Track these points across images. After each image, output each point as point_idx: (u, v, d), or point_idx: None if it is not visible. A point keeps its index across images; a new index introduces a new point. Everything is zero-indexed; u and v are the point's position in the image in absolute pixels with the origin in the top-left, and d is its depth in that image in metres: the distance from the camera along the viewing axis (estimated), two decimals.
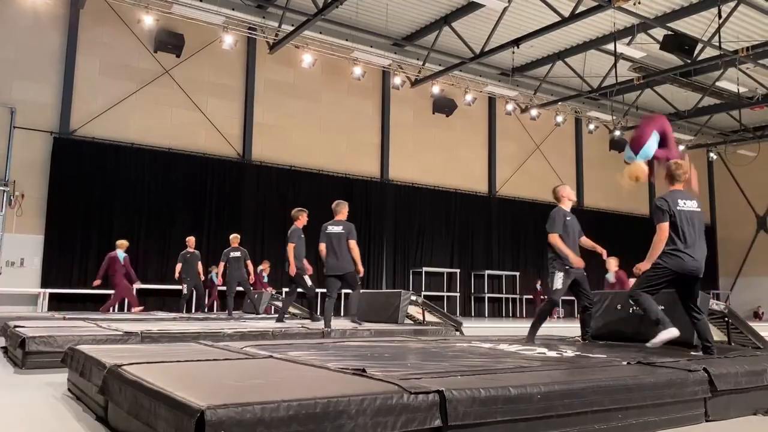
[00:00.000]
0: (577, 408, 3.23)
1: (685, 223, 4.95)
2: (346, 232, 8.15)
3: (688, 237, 4.94)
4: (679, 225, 4.94)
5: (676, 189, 5.12)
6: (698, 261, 4.96)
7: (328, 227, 8.23)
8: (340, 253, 8.07)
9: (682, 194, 5.09)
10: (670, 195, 5.07)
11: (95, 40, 14.77)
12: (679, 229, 4.94)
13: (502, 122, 21.07)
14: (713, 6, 14.16)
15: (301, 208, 9.64)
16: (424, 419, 2.71)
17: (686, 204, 5.02)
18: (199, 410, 2.23)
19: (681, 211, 4.97)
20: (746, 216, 25.69)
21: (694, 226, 4.99)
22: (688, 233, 4.94)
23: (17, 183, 13.68)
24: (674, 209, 4.96)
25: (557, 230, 6.07)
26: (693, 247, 4.93)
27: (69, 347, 4.48)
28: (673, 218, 4.94)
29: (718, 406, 3.90)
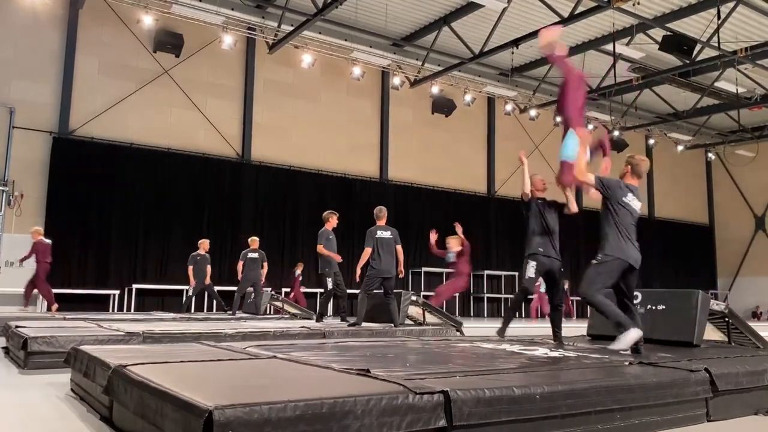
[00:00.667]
0: (580, 408, 3.24)
1: (629, 217, 5.10)
2: (394, 237, 8.66)
3: (632, 231, 5.11)
4: (629, 217, 5.09)
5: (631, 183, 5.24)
6: (638, 252, 5.13)
7: (378, 232, 8.59)
8: (388, 257, 8.51)
9: (631, 187, 5.22)
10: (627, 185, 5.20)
11: (94, 39, 14.77)
12: (629, 221, 5.09)
13: (501, 122, 21.10)
14: (712, 6, 14.20)
15: (332, 211, 9.90)
16: (429, 419, 2.72)
17: (631, 196, 5.16)
18: (207, 410, 2.24)
19: (629, 204, 5.12)
20: (745, 216, 25.75)
21: (635, 221, 5.19)
22: (632, 227, 5.12)
23: (16, 183, 13.67)
24: (624, 200, 5.10)
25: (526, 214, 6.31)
26: (634, 239, 5.11)
27: (72, 347, 4.49)
28: (624, 208, 5.08)
29: (719, 406, 3.91)
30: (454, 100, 19.36)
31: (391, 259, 8.57)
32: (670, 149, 24.39)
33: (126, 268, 14.58)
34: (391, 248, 8.57)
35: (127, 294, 14.37)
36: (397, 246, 8.68)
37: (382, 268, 8.46)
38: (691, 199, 26.46)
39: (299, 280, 15.53)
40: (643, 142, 24.47)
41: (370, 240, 8.54)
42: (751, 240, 25.55)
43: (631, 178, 5.24)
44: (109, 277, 14.33)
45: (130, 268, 14.64)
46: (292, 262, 16.66)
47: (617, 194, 5.09)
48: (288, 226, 16.82)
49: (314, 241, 9.78)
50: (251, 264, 12.13)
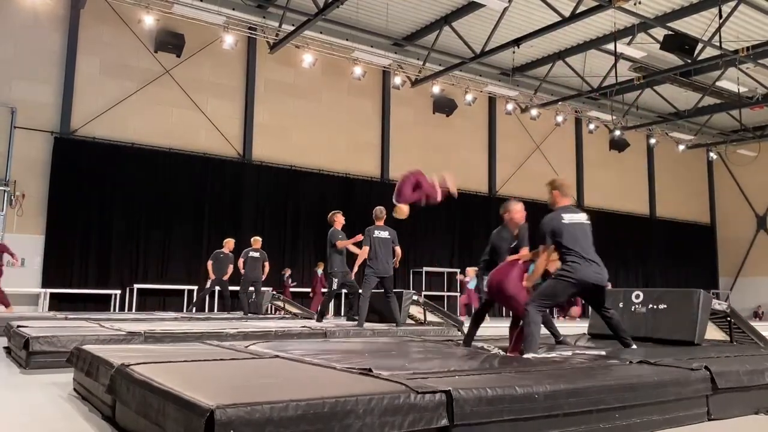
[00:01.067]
0: (581, 407, 3.25)
1: (577, 234, 5.01)
2: (392, 238, 8.71)
3: (583, 247, 4.99)
4: (574, 237, 4.98)
5: (562, 205, 5.19)
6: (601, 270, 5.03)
7: (375, 231, 8.64)
8: (386, 257, 8.57)
9: (568, 209, 5.16)
10: (554, 213, 5.14)
11: (96, 39, 14.78)
12: (576, 240, 4.97)
13: (502, 122, 21.09)
14: (713, 6, 14.18)
15: (335, 211, 9.91)
16: (431, 419, 2.73)
17: (573, 217, 5.10)
18: (208, 410, 2.25)
19: (570, 224, 5.03)
20: (746, 216, 25.73)
21: (588, 238, 5.08)
22: (583, 244, 5.01)
23: (18, 183, 13.68)
24: (560, 225, 5.01)
25: None
26: (591, 257, 5.00)
27: (75, 347, 4.50)
28: (559, 237, 4.98)
29: (720, 405, 3.92)
30: (455, 99, 19.36)
31: (389, 260, 8.63)
32: (672, 149, 24.38)
33: (127, 268, 14.59)
34: (388, 248, 8.63)
35: (128, 294, 14.38)
36: (395, 247, 8.76)
37: (380, 268, 8.52)
38: (692, 199, 26.45)
39: (322, 279, 15.58)
40: (644, 141, 24.47)
41: (368, 239, 8.59)
42: (752, 240, 25.53)
43: (562, 199, 5.22)
44: (110, 277, 14.35)
45: (131, 268, 14.66)
46: (293, 261, 16.68)
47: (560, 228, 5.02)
48: (289, 226, 16.82)
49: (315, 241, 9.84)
50: (252, 263, 12.13)
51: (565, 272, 4.95)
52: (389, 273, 8.65)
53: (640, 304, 6.12)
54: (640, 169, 25.04)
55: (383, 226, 8.77)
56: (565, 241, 4.97)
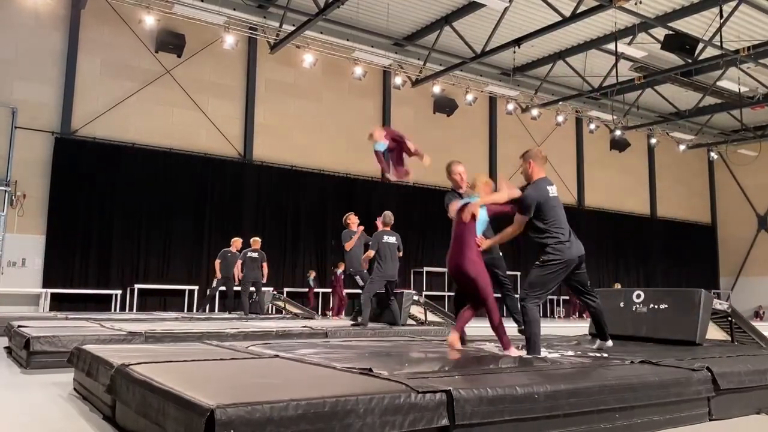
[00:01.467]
0: (582, 407, 3.24)
1: (558, 210, 4.74)
2: (398, 243, 9.06)
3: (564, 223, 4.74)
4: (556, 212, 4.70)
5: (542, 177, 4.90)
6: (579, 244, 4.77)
7: (384, 236, 8.95)
8: (393, 261, 8.88)
9: (548, 181, 4.87)
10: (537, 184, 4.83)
11: (96, 40, 14.78)
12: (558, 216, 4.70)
13: (502, 122, 21.08)
14: (714, 5, 14.17)
15: (349, 213, 10.26)
16: (431, 418, 2.72)
17: (552, 189, 4.81)
18: (209, 409, 2.24)
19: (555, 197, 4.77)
20: (747, 215, 25.71)
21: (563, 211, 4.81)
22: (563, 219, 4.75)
23: (19, 183, 13.68)
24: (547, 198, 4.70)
25: None
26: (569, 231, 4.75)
27: (75, 347, 4.50)
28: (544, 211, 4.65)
29: (721, 405, 3.91)
30: (456, 99, 19.35)
31: (395, 264, 8.97)
32: (673, 149, 24.37)
33: (128, 268, 14.58)
34: (395, 253, 8.96)
35: (129, 294, 14.38)
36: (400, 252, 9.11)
37: (387, 272, 8.82)
38: (693, 199, 26.43)
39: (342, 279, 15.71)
40: (645, 141, 24.46)
41: (375, 244, 8.90)
42: (753, 240, 25.51)
43: (540, 170, 4.91)
44: (110, 277, 14.34)
45: (132, 268, 14.65)
46: (294, 261, 16.68)
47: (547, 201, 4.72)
48: (290, 226, 16.81)
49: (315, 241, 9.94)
50: (251, 263, 12.10)
51: (552, 255, 4.57)
52: (395, 277, 9.01)
53: (641, 303, 6.11)
54: (640, 169, 25.02)
55: (391, 231, 9.07)
56: (552, 216, 4.64)
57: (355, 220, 10.09)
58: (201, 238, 15.48)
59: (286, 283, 16.31)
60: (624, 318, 6.27)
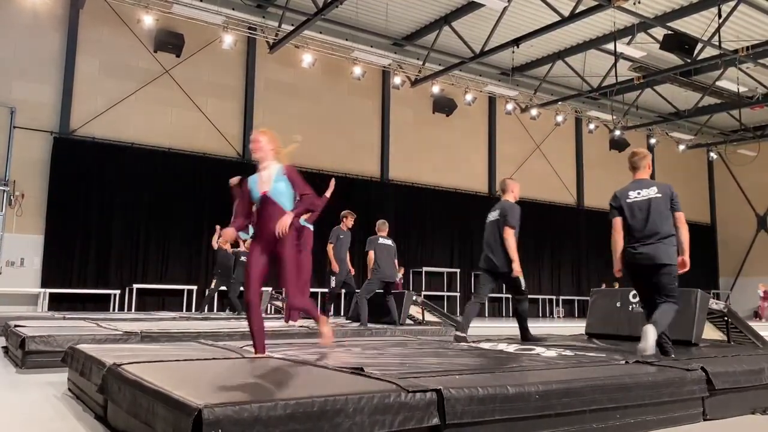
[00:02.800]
0: (575, 407, 3.24)
1: (636, 214, 4.81)
2: (395, 247, 9.17)
3: (636, 229, 4.79)
4: (627, 218, 4.84)
5: (636, 179, 5.03)
6: (648, 250, 4.74)
7: (379, 239, 9.02)
8: (389, 264, 8.94)
9: (638, 184, 4.96)
10: (623, 189, 5.02)
11: (95, 39, 14.77)
12: (628, 222, 4.83)
13: (502, 122, 21.07)
14: (713, 5, 14.16)
15: (351, 211, 9.94)
16: (421, 418, 2.72)
17: (640, 194, 4.88)
18: (196, 409, 2.24)
19: (631, 203, 4.87)
20: (746, 215, 25.69)
21: (649, 215, 4.79)
22: (635, 225, 4.80)
23: (17, 183, 13.68)
24: (623, 202, 4.88)
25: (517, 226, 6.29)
26: (642, 237, 4.76)
27: (69, 346, 4.50)
28: (622, 213, 4.86)
29: (716, 405, 3.90)
30: (455, 99, 19.34)
31: (393, 266, 9.04)
32: (672, 149, 24.35)
33: (126, 268, 14.58)
34: (392, 255, 9.02)
35: (127, 294, 14.38)
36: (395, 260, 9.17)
37: (385, 273, 8.89)
38: (692, 199, 26.40)
39: (401, 284, 16.10)
40: (644, 141, 24.42)
41: (371, 245, 8.96)
42: (753, 240, 25.49)
43: (633, 175, 5.09)
44: (109, 277, 14.34)
45: (130, 268, 14.65)
46: None
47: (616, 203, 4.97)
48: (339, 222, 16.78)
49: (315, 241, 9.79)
50: (241, 267, 12.05)
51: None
52: (394, 278, 9.05)
53: (638, 303, 6.10)
54: None
55: (386, 236, 9.14)
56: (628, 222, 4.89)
57: (348, 222, 9.70)
58: (200, 238, 15.47)
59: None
60: (620, 318, 6.27)
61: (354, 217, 9.86)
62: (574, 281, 22.13)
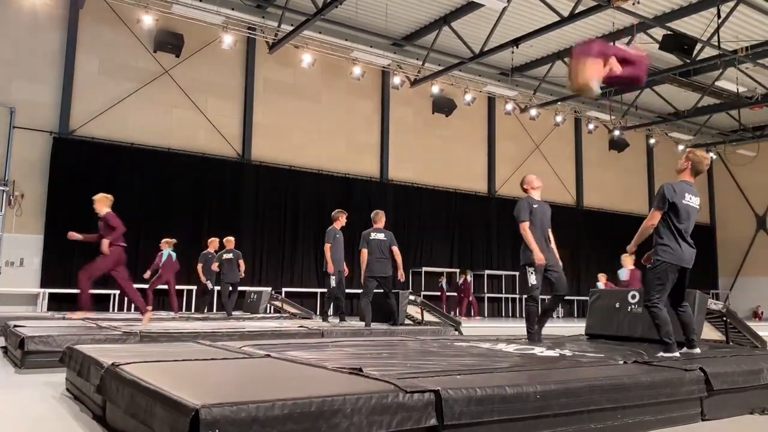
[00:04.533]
0: (573, 407, 3.23)
1: (684, 217, 4.90)
2: (388, 240, 8.75)
3: (687, 231, 4.91)
4: (680, 217, 4.87)
5: (685, 180, 5.10)
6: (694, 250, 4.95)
7: (371, 234, 8.70)
8: (382, 259, 8.65)
9: (690, 188, 5.04)
10: (680, 185, 5.03)
11: (95, 40, 14.77)
12: (680, 221, 4.87)
13: (501, 122, 21.07)
14: (712, 6, 14.17)
15: (341, 210, 9.90)
16: (419, 418, 2.72)
17: (691, 199, 4.97)
18: (193, 409, 2.24)
19: (686, 204, 4.92)
20: (746, 216, 25.69)
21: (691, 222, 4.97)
22: (687, 228, 4.91)
23: (17, 183, 13.68)
24: (678, 201, 4.90)
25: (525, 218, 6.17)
26: (687, 239, 4.91)
27: (67, 347, 4.49)
28: (676, 209, 4.86)
29: (714, 406, 3.90)
30: (455, 99, 19.35)
31: (386, 261, 8.71)
32: (671, 149, 24.36)
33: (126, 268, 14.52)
34: (385, 250, 8.70)
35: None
36: (393, 247, 8.79)
37: (376, 270, 8.61)
38: None
39: (470, 284, 16.45)
40: (644, 141, 24.46)
41: (364, 243, 8.70)
42: (752, 240, 25.50)
43: (689, 175, 5.15)
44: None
45: (130, 268, 14.45)
46: (293, 261, 16.67)
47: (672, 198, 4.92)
48: (288, 226, 16.81)
49: (314, 241, 9.89)
50: (228, 265, 12.02)
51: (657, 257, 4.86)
52: (387, 274, 8.75)
53: (636, 304, 6.11)
54: (639, 169, 25.03)
55: (380, 229, 8.83)
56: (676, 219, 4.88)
57: (342, 221, 9.68)
58: (199, 238, 15.42)
59: (285, 283, 16.31)
60: (619, 318, 6.27)
61: (345, 215, 9.85)
62: (574, 281, 22.10)
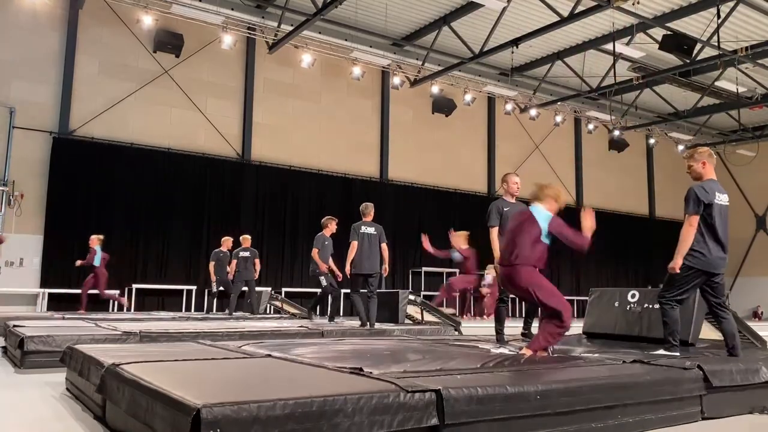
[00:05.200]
0: (573, 406, 3.24)
1: (717, 218, 4.67)
2: (378, 234, 8.51)
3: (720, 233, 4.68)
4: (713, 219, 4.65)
5: (712, 179, 4.85)
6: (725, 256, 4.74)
7: (362, 227, 8.43)
8: (371, 254, 8.37)
9: (718, 186, 4.81)
10: (708, 184, 4.76)
11: (94, 40, 14.77)
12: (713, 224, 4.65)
13: (501, 122, 21.08)
14: (712, 6, 14.16)
15: (331, 217, 9.98)
16: (420, 418, 2.72)
17: (721, 198, 4.74)
18: (195, 408, 2.24)
19: (717, 204, 4.69)
20: (745, 216, 25.69)
21: (725, 222, 4.75)
22: (720, 229, 4.68)
23: (16, 183, 13.67)
24: (712, 201, 4.66)
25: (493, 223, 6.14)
26: (721, 243, 4.70)
27: (68, 346, 4.50)
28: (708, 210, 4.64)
29: (713, 404, 3.91)
30: (454, 99, 19.35)
31: (375, 257, 8.44)
32: (671, 149, 24.37)
33: (126, 268, 14.56)
34: (374, 245, 8.43)
35: (127, 294, 14.36)
36: (381, 244, 8.56)
37: (365, 265, 8.35)
38: None
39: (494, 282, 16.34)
40: (643, 141, 24.46)
41: (355, 235, 8.42)
42: (752, 240, 25.50)
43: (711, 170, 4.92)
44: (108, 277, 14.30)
45: (130, 268, 14.64)
46: (293, 261, 16.67)
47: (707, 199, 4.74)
48: (288, 226, 16.81)
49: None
50: (243, 263, 12.13)
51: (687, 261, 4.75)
52: (375, 270, 8.46)
53: (636, 303, 6.11)
54: (639, 169, 25.03)
55: (370, 222, 8.56)
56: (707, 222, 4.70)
57: (332, 228, 9.73)
58: (199, 238, 15.48)
59: (285, 282, 16.31)
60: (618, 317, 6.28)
61: (335, 222, 9.90)
62: (573, 281, 22.13)
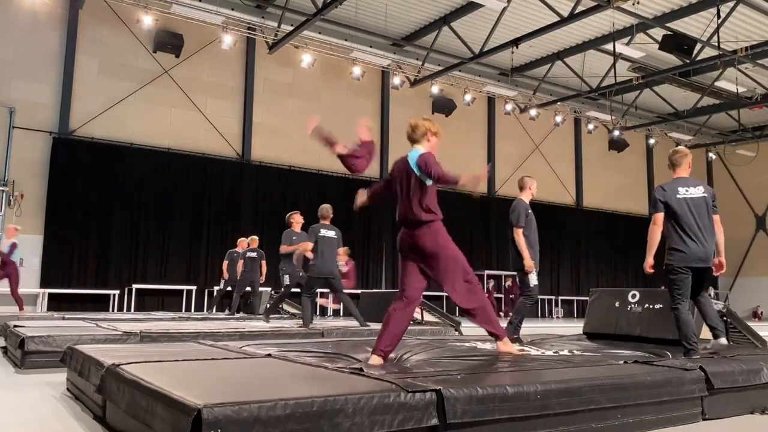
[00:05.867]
0: (574, 407, 3.24)
1: (687, 213, 4.70)
2: (338, 239, 8.25)
3: (692, 227, 4.69)
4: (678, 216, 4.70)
5: (678, 177, 4.91)
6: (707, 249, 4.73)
7: (321, 230, 8.13)
8: (330, 257, 8.14)
9: (684, 181, 4.85)
10: (672, 183, 4.86)
11: (94, 40, 14.77)
12: (681, 219, 4.70)
13: (501, 122, 21.08)
14: (712, 6, 14.17)
15: (293, 212, 9.72)
16: (421, 418, 2.72)
17: (688, 191, 4.77)
18: (196, 409, 2.23)
19: (681, 199, 4.75)
20: (745, 216, 25.69)
21: (701, 214, 4.74)
22: (690, 223, 4.70)
23: (16, 183, 13.67)
24: (671, 198, 4.74)
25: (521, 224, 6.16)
26: (698, 236, 4.70)
27: (68, 347, 4.49)
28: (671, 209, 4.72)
29: (715, 405, 3.90)
30: (454, 99, 19.34)
31: (333, 260, 8.27)
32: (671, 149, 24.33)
33: (126, 268, 14.58)
34: (334, 248, 8.23)
35: (127, 294, 14.37)
36: (339, 249, 8.45)
37: (324, 269, 8.08)
38: None
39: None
40: (643, 141, 24.46)
41: (312, 237, 8.11)
42: (751, 240, 25.50)
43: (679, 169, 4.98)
44: (109, 277, 14.33)
45: (130, 268, 14.65)
46: None
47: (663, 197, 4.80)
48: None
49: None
50: (249, 263, 12.14)
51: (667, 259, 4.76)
52: (335, 274, 8.28)
53: (636, 303, 6.11)
54: (639, 169, 25.04)
55: (330, 225, 8.29)
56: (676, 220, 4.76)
57: (299, 220, 9.46)
58: (199, 238, 15.48)
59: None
60: (619, 318, 6.28)
61: (298, 213, 9.61)
62: (573, 281, 22.14)
